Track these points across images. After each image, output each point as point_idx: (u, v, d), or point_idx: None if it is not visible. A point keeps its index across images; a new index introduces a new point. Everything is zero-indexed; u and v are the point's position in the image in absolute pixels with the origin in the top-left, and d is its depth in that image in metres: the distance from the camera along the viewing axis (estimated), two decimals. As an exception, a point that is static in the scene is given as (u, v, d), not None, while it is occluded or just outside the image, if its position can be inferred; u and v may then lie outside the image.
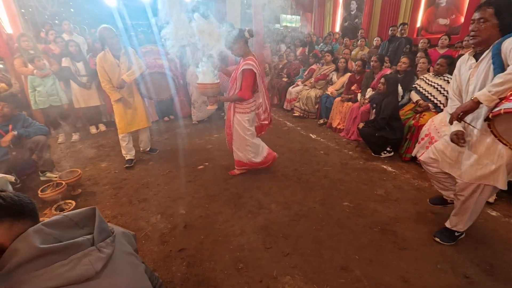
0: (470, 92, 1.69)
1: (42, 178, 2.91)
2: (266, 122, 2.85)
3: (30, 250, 0.70)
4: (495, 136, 1.48)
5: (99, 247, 0.80)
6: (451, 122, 1.68)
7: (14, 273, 0.68)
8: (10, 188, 2.17)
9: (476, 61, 1.65)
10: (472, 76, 1.67)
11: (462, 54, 3.91)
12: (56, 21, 6.27)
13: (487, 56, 1.58)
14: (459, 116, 1.61)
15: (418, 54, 3.85)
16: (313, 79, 4.93)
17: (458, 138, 1.72)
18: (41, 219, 2.07)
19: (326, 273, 1.69)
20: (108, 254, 0.81)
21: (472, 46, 1.73)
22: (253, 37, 2.57)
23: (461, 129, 1.75)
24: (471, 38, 1.65)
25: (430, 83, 3.29)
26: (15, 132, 2.57)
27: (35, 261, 0.69)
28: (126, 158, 3.20)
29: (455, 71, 1.83)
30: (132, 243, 0.99)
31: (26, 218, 0.80)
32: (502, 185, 1.63)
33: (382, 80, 3.13)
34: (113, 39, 2.80)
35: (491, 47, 1.57)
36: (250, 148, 2.72)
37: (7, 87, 2.97)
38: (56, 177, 2.83)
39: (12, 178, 2.17)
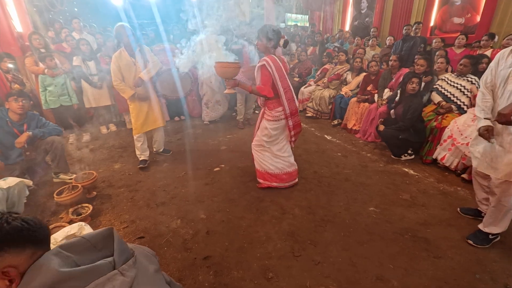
0: (509, 91, 1.61)
1: (55, 180, 2.85)
2: (294, 132, 2.56)
3: (50, 274, 0.64)
4: None
5: (122, 270, 0.74)
6: (504, 123, 1.57)
7: None
8: (27, 192, 2.11)
9: None
10: None
11: (482, 54, 3.85)
12: (61, 20, 6.23)
13: None
14: (504, 120, 1.53)
15: (438, 53, 3.74)
16: (326, 79, 4.84)
17: (488, 133, 1.68)
18: (57, 224, 2.00)
19: (362, 284, 1.61)
20: (132, 278, 0.75)
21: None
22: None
23: (491, 124, 1.69)
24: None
25: (452, 84, 3.19)
26: (30, 133, 2.50)
27: (55, 287, 0.64)
28: (140, 159, 3.13)
29: (492, 64, 1.75)
30: (154, 262, 0.93)
31: (45, 246, 0.76)
32: None
33: (416, 79, 3.02)
34: (129, 37, 2.75)
35: None
36: (268, 156, 2.55)
37: (21, 87, 2.92)
38: (70, 179, 2.76)
39: (30, 182, 2.10)
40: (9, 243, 0.68)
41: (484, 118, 1.73)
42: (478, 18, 4.97)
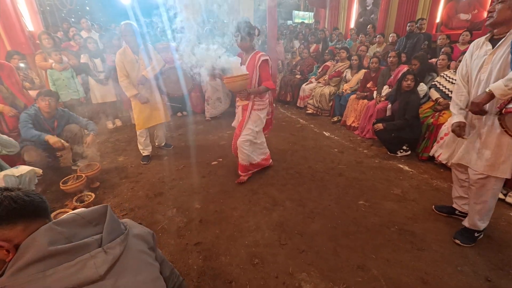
0: (481, 81, 1.60)
1: (73, 168, 3.00)
2: (270, 116, 2.82)
3: (39, 250, 0.70)
4: (505, 130, 1.46)
5: (106, 249, 0.79)
6: (476, 112, 1.59)
7: (22, 273, 0.68)
8: (36, 180, 2.26)
9: (493, 47, 1.54)
10: (486, 64, 1.57)
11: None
12: (73, 19, 6.44)
13: (505, 42, 1.48)
14: (477, 109, 1.55)
15: (443, 50, 3.70)
16: (327, 76, 4.86)
17: (460, 130, 1.68)
18: (62, 210, 2.13)
19: (343, 272, 1.68)
20: (115, 255, 0.79)
21: (489, 28, 1.62)
22: (258, 36, 2.49)
23: (463, 120, 1.70)
24: (488, 19, 1.56)
25: (451, 80, 3.18)
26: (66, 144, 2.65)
27: (43, 262, 0.70)
28: (143, 154, 3.26)
29: (466, 55, 1.73)
30: (147, 241, 0.97)
31: (39, 218, 0.80)
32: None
33: (410, 76, 3.03)
34: (132, 36, 2.80)
35: (510, 32, 1.47)
36: (258, 145, 2.73)
37: (31, 85, 3.08)
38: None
39: (40, 171, 2.24)
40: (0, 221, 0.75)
41: (459, 111, 1.72)
42: (485, 14, 4.86)
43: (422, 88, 3.28)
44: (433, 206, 2.27)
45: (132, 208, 2.36)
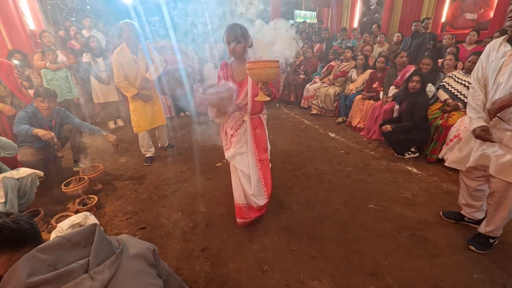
0: (500, 84, 1.53)
1: (75, 169, 2.95)
2: None
3: (18, 283, 0.66)
4: None
5: (93, 274, 0.73)
6: (491, 118, 1.54)
7: None
8: (37, 183, 2.20)
9: None
10: (505, 65, 1.50)
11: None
12: (74, 18, 6.38)
13: None
14: (497, 111, 1.48)
15: (449, 50, 3.64)
16: (331, 76, 4.80)
17: (486, 134, 1.60)
18: (64, 213, 2.07)
19: (356, 279, 1.62)
20: (103, 280, 0.73)
21: (509, 30, 1.55)
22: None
23: (485, 123, 1.62)
24: (508, 19, 1.49)
25: (460, 81, 3.12)
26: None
27: None
28: (146, 156, 3.20)
29: (482, 57, 1.66)
30: (147, 258, 0.89)
31: (26, 246, 0.75)
32: None
33: (416, 77, 2.97)
34: (131, 34, 2.70)
35: None
36: None
37: (27, 84, 3.02)
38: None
39: (41, 173, 2.19)
40: None
41: (478, 115, 1.65)
42: (492, 14, 4.81)
43: (430, 89, 3.22)
44: (441, 213, 2.20)
45: (136, 211, 2.30)
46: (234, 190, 2.01)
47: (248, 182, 1.92)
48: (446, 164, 2.01)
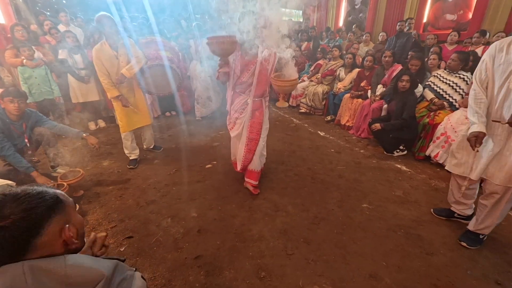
0: (511, 90, 1.49)
1: (53, 174, 2.75)
2: None
3: None
4: None
5: None
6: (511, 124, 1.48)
7: None
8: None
9: None
10: None
11: (473, 51, 3.86)
12: (48, 12, 5.98)
13: None
14: None
15: (432, 49, 3.73)
16: (319, 74, 4.80)
17: (477, 141, 1.57)
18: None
19: (355, 281, 1.60)
20: None
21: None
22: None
23: (484, 130, 1.58)
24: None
25: (444, 80, 3.19)
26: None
27: None
28: (130, 158, 3.03)
29: (487, 58, 1.58)
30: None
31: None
32: None
33: (406, 77, 3.00)
34: (112, 29, 2.56)
35: None
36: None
37: None
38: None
39: (13, 183, 2.00)
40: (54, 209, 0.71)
41: (480, 119, 1.60)
42: (470, 15, 4.99)
43: (418, 89, 3.28)
44: (432, 210, 2.23)
45: (121, 219, 2.16)
46: (231, 149, 2.61)
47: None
48: (446, 168, 2.00)
